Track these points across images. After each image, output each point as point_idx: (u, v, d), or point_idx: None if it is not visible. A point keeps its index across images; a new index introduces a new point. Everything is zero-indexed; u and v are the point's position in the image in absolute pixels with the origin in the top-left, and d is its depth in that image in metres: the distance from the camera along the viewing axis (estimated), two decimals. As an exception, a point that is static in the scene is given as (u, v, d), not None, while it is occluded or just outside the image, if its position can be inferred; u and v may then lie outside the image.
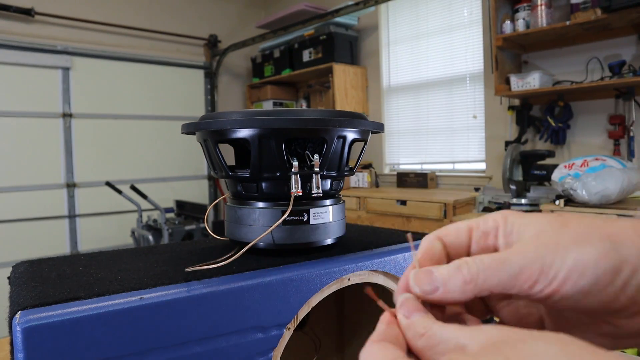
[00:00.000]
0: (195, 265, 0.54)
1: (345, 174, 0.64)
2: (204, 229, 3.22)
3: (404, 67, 3.65)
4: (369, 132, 0.64)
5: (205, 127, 0.58)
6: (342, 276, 0.58)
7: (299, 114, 0.59)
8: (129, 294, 0.45)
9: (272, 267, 0.55)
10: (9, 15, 3.35)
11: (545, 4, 2.51)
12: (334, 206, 0.63)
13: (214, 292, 0.47)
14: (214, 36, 4.41)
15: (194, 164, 4.35)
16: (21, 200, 3.43)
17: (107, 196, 3.56)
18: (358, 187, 3.65)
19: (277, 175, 0.58)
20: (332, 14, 3.46)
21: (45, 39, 3.52)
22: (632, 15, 2.23)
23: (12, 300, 0.45)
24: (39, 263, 0.59)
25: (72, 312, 0.40)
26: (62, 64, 3.57)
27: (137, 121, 3.98)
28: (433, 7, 3.40)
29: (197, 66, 4.39)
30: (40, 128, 3.51)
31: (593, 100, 2.61)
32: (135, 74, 3.97)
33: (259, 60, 4.36)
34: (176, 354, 0.45)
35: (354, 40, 3.85)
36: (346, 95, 3.72)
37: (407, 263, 0.65)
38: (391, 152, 3.79)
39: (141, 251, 0.66)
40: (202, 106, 4.45)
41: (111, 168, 3.83)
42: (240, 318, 0.49)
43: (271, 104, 4.21)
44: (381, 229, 0.82)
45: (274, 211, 0.59)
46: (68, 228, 3.65)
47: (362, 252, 0.63)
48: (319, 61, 3.76)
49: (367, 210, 3.10)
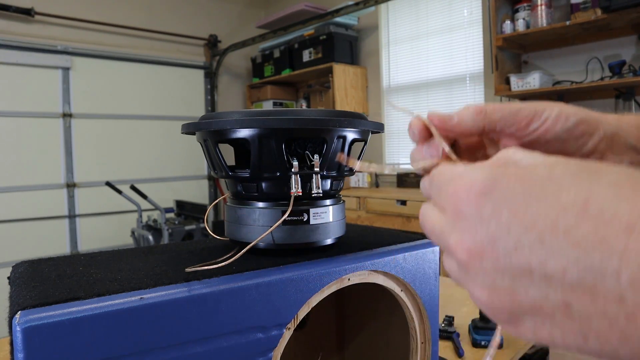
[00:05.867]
0: (196, 265, 0.54)
1: (345, 174, 0.64)
2: (204, 229, 3.22)
3: (404, 67, 3.65)
4: (369, 132, 0.64)
5: (205, 127, 0.58)
6: (342, 276, 0.58)
7: (299, 114, 0.59)
8: (128, 294, 0.45)
9: (272, 267, 0.55)
10: (9, 15, 3.35)
11: (545, 4, 2.51)
12: (334, 206, 0.63)
13: (214, 292, 0.47)
14: (214, 36, 4.41)
15: (194, 164, 4.35)
16: (21, 200, 3.43)
17: (107, 196, 3.56)
18: (358, 187, 3.65)
19: (277, 175, 0.58)
20: (332, 14, 3.46)
21: (45, 39, 3.52)
22: (632, 15, 2.23)
23: (12, 300, 0.45)
24: (39, 263, 0.59)
25: (72, 312, 0.40)
26: (62, 64, 3.57)
27: (137, 121, 3.98)
28: (433, 7, 3.40)
29: (197, 66, 4.39)
30: (40, 128, 3.51)
31: (593, 100, 2.61)
32: (135, 74, 3.97)
33: (259, 60, 4.36)
34: (176, 354, 0.45)
35: (354, 40, 3.85)
36: (346, 95, 3.72)
37: (407, 263, 0.65)
38: (391, 152, 3.79)
39: (141, 251, 0.66)
40: (202, 106, 4.45)
41: (111, 168, 3.83)
42: (240, 318, 0.49)
43: (271, 104, 4.21)
44: (381, 229, 0.82)
45: (274, 211, 0.59)
46: (68, 228, 3.65)
47: (362, 252, 0.63)
48: (319, 61, 3.76)
49: (367, 210, 3.10)
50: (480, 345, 1.00)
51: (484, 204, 0.23)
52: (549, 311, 0.21)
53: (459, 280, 0.26)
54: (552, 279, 0.20)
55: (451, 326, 1.06)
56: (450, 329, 1.04)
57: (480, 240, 0.23)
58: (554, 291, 0.20)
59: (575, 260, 0.19)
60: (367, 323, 0.86)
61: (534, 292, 0.21)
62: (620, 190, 0.20)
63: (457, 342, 0.99)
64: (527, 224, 0.21)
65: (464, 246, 0.23)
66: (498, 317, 0.23)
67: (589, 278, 0.19)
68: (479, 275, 0.23)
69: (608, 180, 0.20)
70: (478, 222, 0.23)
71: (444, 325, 1.06)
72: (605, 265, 0.19)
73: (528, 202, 0.21)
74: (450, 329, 1.04)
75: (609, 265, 0.18)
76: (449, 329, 1.04)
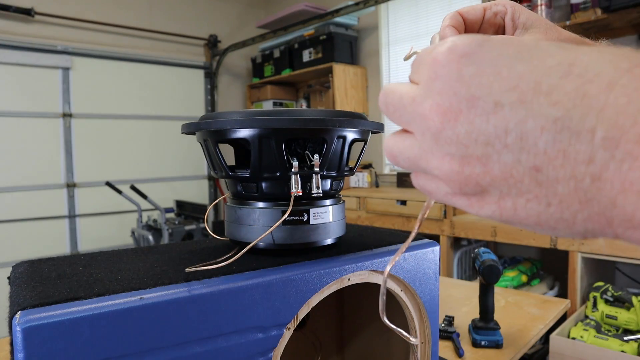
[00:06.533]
0: (196, 265, 0.54)
1: (345, 174, 0.64)
2: (204, 229, 3.22)
3: (404, 67, 3.65)
4: (369, 132, 0.64)
5: (205, 127, 0.58)
6: (342, 276, 0.58)
7: (299, 114, 0.59)
8: (129, 294, 0.45)
9: (272, 267, 0.55)
10: (9, 15, 3.35)
11: (545, 4, 2.51)
12: (334, 206, 0.63)
13: (214, 292, 0.47)
14: (214, 36, 4.40)
15: (194, 164, 4.35)
16: (21, 200, 3.43)
17: (107, 196, 3.56)
18: (358, 187, 3.65)
19: (277, 175, 0.58)
20: (332, 14, 3.46)
21: (45, 39, 3.52)
22: (632, 15, 2.23)
23: (12, 300, 0.45)
24: (39, 263, 0.59)
25: (72, 312, 0.40)
26: (62, 64, 3.57)
27: (137, 121, 3.98)
28: (433, 7, 3.40)
29: (197, 66, 4.39)
30: (40, 128, 3.51)
31: (593, 100, 2.61)
32: (135, 74, 3.97)
33: (259, 60, 4.36)
34: (176, 354, 0.45)
35: (354, 40, 3.85)
36: (346, 95, 3.72)
37: (407, 263, 0.65)
38: (391, 152, 3.79)
39: (141, 251, 0.66)
40: (202, 106, 4.45)
41: (111, 168, 3.82)
42: (240, 318, 0.49)
43: (271, 104, 4.21)
44: (381, 229, 0.82)
45: (274, 211, 0.59)
46: (68, 228, 3.65)
47: (362, 252, 0.63)
48: (319, 61, 3.76)
49: (367, 210, 3.10)
50: (480, 345, 1.00)
51: (465, 64, 0.22)
52: (518, 177, 0.21)
53: (420, 160, 0.24)
54: (527, 141, 0.20)
55: (451, 326, 1.06)
56: (450, 329, 1.04)
57: (458, 101, 0.22)
58: (527, 155, 0.20)
59: (554, 120, 0.19)
60: (367, 323, 0.86)
61: (507, 157, 0.21)
62: (606, 55, 0.20)
63: (457, 342, 0.99)
64: (509, 84, 0.21)
65: (440, 109, 0.22)
66: (464, 190, 0.23)
67: (564, 139, 0.19)
68: (451, 144, 0.22)
69: (593, 48, 0.20)
70: (457, 82, 0.22)
71: (444, 325, 1.06)
72: (582, 124, 0.19)
73: (513, 63, 0.21)
74: (450, 329, 1.04)
75: (585, 124, 0.19)
76: (449, 329, 1.04)
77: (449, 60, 0.22)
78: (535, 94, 0.20)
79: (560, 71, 0.20)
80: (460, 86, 0.22)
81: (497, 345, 0.99)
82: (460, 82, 0.22)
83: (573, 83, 0.19)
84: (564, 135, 0.19)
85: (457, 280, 1.59)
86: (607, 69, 0.19)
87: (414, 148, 0.24)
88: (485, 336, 1.00)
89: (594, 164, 0.18)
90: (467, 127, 0.22)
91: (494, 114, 0.21)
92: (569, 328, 1.80)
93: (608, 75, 0.19)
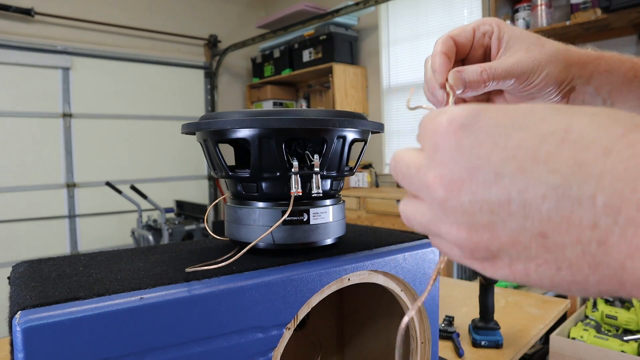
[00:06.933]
0: (196, 265, 0.54)
1: (345, 174, 0.64)
2: (204, 229, 3.22)
3: (404, 67, 3.65)
4: (369, 132, 0.64)
5: (205, 127, 0.58)
6: (342, 276, 0.58)
7: (299, 114, 0.59)
8: (128, 294, 0.45)
9: (272, 267, 0.55)
10: (9, 15, 3.35)
11: (546, 4, 2.51)
12: (334, 206, 0.63)
13: (214, 292, 0.47)
14: (214, 36, 4.41)
15: (194, 164, 4.35)
16: (21, 200, 3.43)
17: (107, 196, 3.56)
18: (358, 187, 3.65)
19: (277, 175, 0.58)
20: (332, 14, 3.46)
21: (45, 39, 3.52)
22: (632, 15, 2.23)
23: (12, 300, 0.45)
24: (39, 263, 0.59)
25: (72, 312, 0.40)
26: (62, 64, 3.57)
27: (137, 121, 3.98)
28: (433, 7, 3.40)
29: (197, 66, 4.39)
30: (40, 128, 3.51)
31: (593, 100, 2.61)
32: (135, 73, 3.97)
33: (259, 60, 4.36)
34: (176, 354, 0.45)
35: (354, 40, 3.85)
36: (346, 95, 3.72)
37: (407, 263, 0.65)
38: (391, 152, 3.79)
39: (141, 251, 0.66)
40: (202, 106, 4.45)
41: (111, 168, 3.82)
42: (240, 318, 0.49)
43: (271, 104, 4.21)
44: (381, 229, 0.82)
45: (274, 211, 0.59)
46: (68, 228, 3.65)
47: (362, 252, 0.63)
48: (319, 61, 3.76)
49: (367, 210, 3.10)
50: (480, 345, 1.00)
51: (464, 136, 0.23)
52: (526, 243, 0.21)
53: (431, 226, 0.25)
54: (531, 209, 0.20)
55: (451, 326, 1.06)
56: (450, 329, 1.04)
57: (459, 172, 0.22)
58: (532, 222, 0.20)
59: (554, 187, 0.20)
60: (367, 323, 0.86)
61: (512, 224, 0.21)
62: (600, 119, 0.20)
63: (457, 342, 0.99)
64: (507, 154, 0.21)
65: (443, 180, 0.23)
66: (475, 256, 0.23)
67: (566, 206, 0.19)
68: (457, 213, 0.23)
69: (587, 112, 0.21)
70: (457, 153, 0.23)
71: (444, 325, 1.06)
72: (582, 191, 0.19)
73: (509, 132, 0.21)
74: (450, 329, 1.04)
75: (585, 191, 0.19)
76: (449, 329, 1.04)
77: (448, 132, 0.23)
78: (534, 163, 0.20)
79: (556, 138, 0.20)
80: (460, 157, 0.23)
81: (497, 345, 0.99)
82: (460, 153, 0.23)
83: (569, 150, 0.20)
84: (566, 202, 0.19)
85: (457, 280, 1.59)
86: (601, 135, 0.19)
87: (425, 214, 0.25)
88: (485, 336, 1.00)
89: (598, 229, 0.19)
90: (471, 197, 0.22)
91: (495, 183, 0.21)
92: (569, 328, 1.80)
93: (603, 141, 0.19)
